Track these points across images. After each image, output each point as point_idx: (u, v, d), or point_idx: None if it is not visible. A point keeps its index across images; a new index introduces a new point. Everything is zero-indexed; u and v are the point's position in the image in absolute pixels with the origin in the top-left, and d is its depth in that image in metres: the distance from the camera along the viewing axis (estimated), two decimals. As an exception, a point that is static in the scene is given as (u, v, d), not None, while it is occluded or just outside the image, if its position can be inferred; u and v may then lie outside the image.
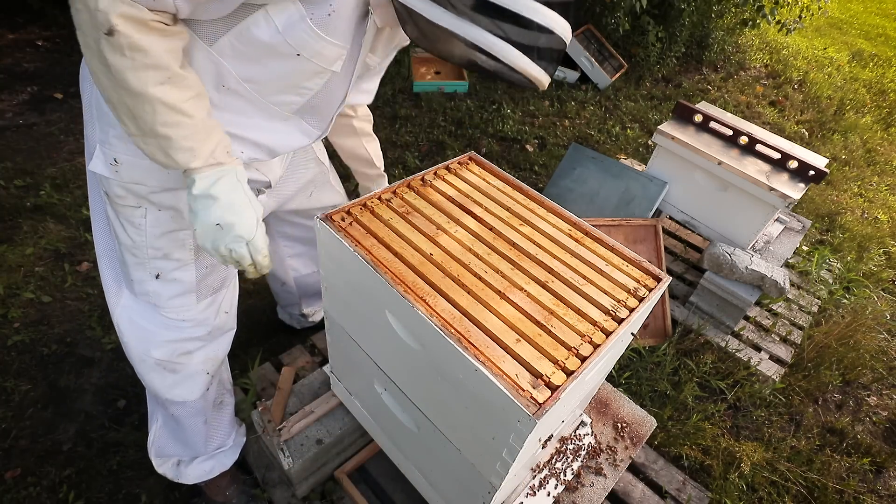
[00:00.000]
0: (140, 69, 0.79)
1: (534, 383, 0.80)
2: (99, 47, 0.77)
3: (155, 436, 1.43)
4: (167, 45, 0.81)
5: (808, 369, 2.29)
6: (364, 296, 1.01)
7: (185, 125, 0.86)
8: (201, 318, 1.22)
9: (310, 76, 0.96)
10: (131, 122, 0.85)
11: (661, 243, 2.34)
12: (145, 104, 0.82)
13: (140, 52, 0.78)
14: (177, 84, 0.84)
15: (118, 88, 0.81)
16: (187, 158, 0.88)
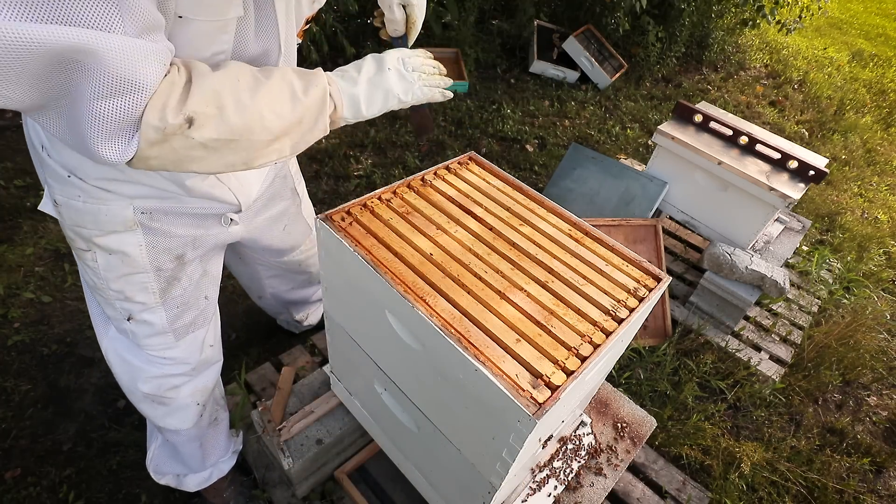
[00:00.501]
0: (229, 104, 0.74)
1: (534, 383, 0.80)
2: (199, 143, 0.72)
3: (153, 454, 1.44)
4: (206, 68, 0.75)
5: (808, 369, 2.29)
6: (364, 296, 1.01)
7: (291, 89, 0.82)
8: (183, 356, 1.19)
9: (211, 39, 0.81)
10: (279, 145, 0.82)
11: (661, 243, 2.34)
12: (262, 116, 0.77)
13: (215, 96, 0.72)
14: (242, 75, 0.78)
15: (245, 140, 0.76)
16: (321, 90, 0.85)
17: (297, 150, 0.86)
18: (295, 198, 1.39)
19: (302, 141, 0.85)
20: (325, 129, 0.88)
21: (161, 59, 0.66)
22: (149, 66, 0.64)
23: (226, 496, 1.52)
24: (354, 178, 2.94)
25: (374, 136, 3.27)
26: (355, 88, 0.91)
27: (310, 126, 0.85)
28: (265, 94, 0.78)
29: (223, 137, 0.73)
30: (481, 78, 4.12)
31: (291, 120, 0.81)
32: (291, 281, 1.70)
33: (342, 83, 0.91)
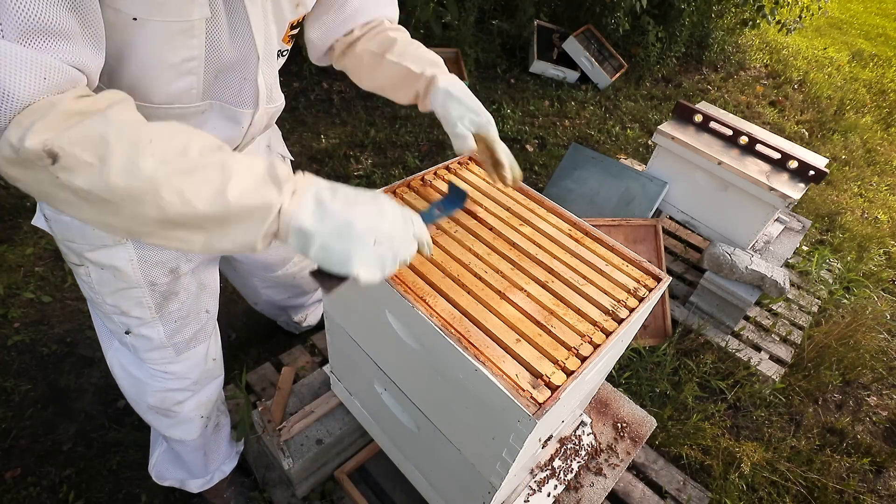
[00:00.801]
0: (116, 162, 0.58)
1: (534, 383, 0.80)
2: (66, 186, 0.59)
3: (156, 461, 1.44)
4: (117, 114, 0.62)
5: (808, 369, 2.29)
6: (364, 296, 1.01)
7: (221, 178, 0.63)
8: (185, 370, 1.17)
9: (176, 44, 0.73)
10: (175, 233, 0.64)
11: (661, 243, 2.34)
12: (162, 193, 0.60)
13: (97, 145, 0.58)
14: (166, 141, 0.62)
15: (123, 208, 0.60)
16: (267, 207, 0.65)
17: (212, 249, 0.66)
18: None
19: (220, 243, 0.66)
20: (252, 246, 0.67)
21: (42, 70, 0.57)
22: (20, 74, 0.56)
23: (226, 496, 1.52)
24: (354, 178, 2.94)
25: (374, 135, 3.27)
26: (317, 224, 0.67)
27: (234, 233, 0.65)
28: (183, 171, 0.61)
29: (96, 193, 0.59)
30: (481, 78, 4.12)
31: (205, 213, 0.62)
32: (287, 291, 1.70)
33: (307, 209, 0.68)
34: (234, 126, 0.92)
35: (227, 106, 0.89)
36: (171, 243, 0.65)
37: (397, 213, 0.74)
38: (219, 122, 0.90)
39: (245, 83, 0.87)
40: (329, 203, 0.69)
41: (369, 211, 0.71)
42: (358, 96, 3.60)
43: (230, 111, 0.90)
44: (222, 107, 0.88)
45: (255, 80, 0.87)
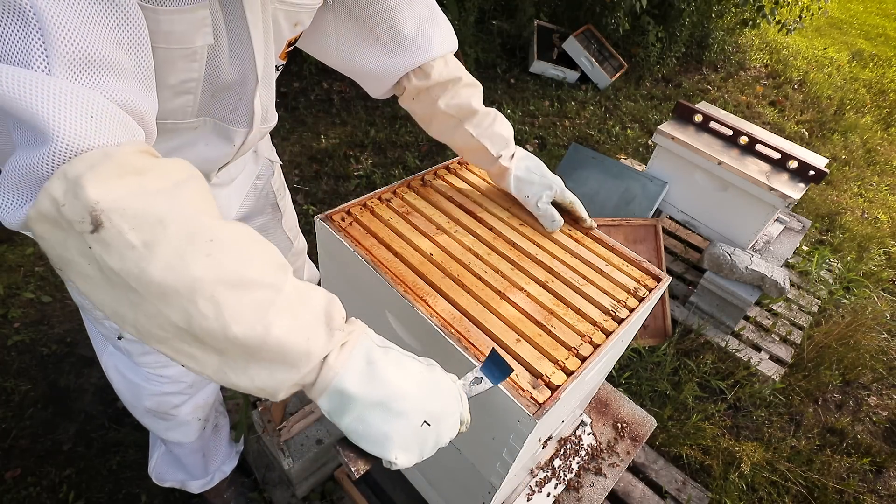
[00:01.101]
0: (164, 252, 0.49)
1: (534, 383, 0.80)
2: (95, 260, 0.49)
3: (156, 463, 1.44)
4: (187, 194, 0.53)
5: (808, 369, 2.29)
6: (364, 296, 1.01)
7: (271, 303, 0.53)
8: (179, 374, 1.15)
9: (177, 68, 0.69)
10: (190, 348, 0.53)
11: (661, 243, 2.34)
12: (197, 301, 0.50)
13: (151, 228, 0.49)
14: (230, 246, 0.53)
15: (145, 303, 0.50)
16: (306, 354, 0.55)
17: (223, 380, 0.55)
18: (276, 212, 1.31)
19: (236, 376, 0.54)
20: (273, 393, 0.56)
21: (93, 110, 0.48)
22: (64, 114, 0.46)
23: (226, 496, 1.52)
24: (354, 178, 2.94)
25: (375, 136, 3.27)
26: (363, 388, 0.58)
27: (257, 371, 0.54)
28: (233, 284, 0.52)
29: (125, 279, 0.49)
30: (481, 78, 4.11)
31: (235, 337, 0.51)
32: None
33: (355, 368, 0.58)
34: (225, 143, 0.88)
35: (221, 124, 0.85)
36: (178, 356, 0.54)
37: (453, 392, 0.65)
38: (211, 138, 0.86)
39: (241, 103, 0.84)
40: (381, 365, 0.59)
41: (424, 384, 0.61)
42: (358, 96, 3.59)
43: (223, 129, 0.86)
44: (216, 124, 0.85)
45: (251, 101, 0.84)
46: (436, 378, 0.64)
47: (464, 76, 1.04)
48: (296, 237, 1.42)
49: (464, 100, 1.04)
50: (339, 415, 0.58)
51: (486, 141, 1.06)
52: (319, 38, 0.95)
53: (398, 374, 0.60)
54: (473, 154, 1.10)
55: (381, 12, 0.91)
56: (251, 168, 1.15)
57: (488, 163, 1.08)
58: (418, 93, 1.01)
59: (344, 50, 0.97)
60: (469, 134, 1.05)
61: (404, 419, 0.59)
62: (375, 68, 0.97)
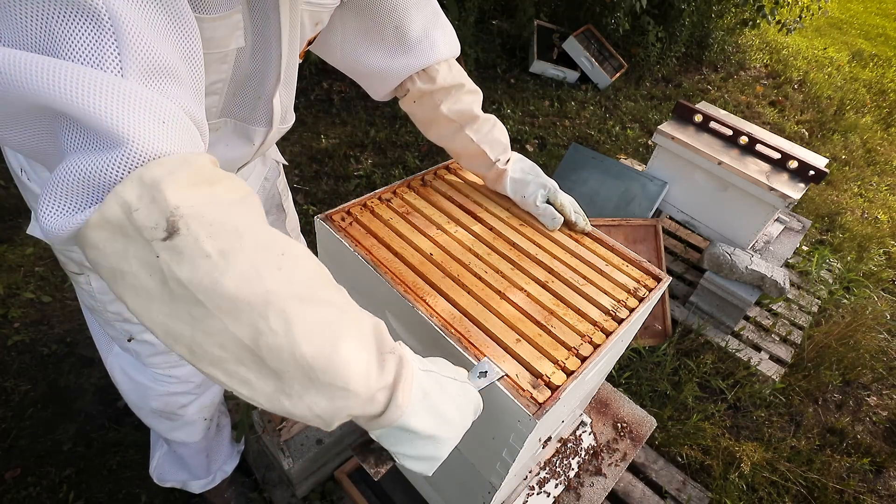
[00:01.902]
0: (240, 264, 0.47)
1: (534, 383, 0.80)
2: (161, 271, 0.46)
3: (157, 463, 1.44)
4: (255, 206, 0.52)
5: (808, 369, 2.29)
6: (364, 296, 1.01)
7: (339, 323, 0.53)
8: (188, 374, 1.16)
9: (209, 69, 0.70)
10: (246, 373, 0.50)
11: (661, 243, 2.34)
12: (269, 316, 0.48)
13: (229, 237, 0.47)
14: (297, 259, 0.52)
15: (210, 318, 0.47)
16: (365, 380, 0.54)
17: (277, 407, 0.52)
18: (280, 213, 1.33)
19: (291, 402, 0.52)
20: (328, 423, 0.55)
21: (165, 116, 0.47)
22: (141, 118, 0.45)
23: (226, 496, 1.52)
24: (354, 178, 2.95)
25: (375, 136, 3.27)
26: (427, 426, 0.59)
27: (316, 397, 0.52)
28: (303, 299, 0.51)
29: (193, 291, 0.46)
30: (481, 78, 4.12)
31: (301, 357, 0.50)
32: None
33: (418, 404, 0.59)
34: (245, 143, 0.89)
35: (241, 124, 0.87)
36: (231, 381, 0.51)
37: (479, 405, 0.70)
38: (231, 139, 0.87)
39: (259, 102, 0.85)
40: (435, 398, 0.60)
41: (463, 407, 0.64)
42: (358, 96, 3.60)
43: (243, 129, 0.87)
44: (236, 125, 0.86)
45: (270, 100, 0.85)
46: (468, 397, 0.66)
47: (466, 82, 1.06)
48: (297, 238, 1.43)
49: (466, 106, 1.05)
50: (394, 444, 0.60)
51: (485, 146, 1.07)
52: (325, 36, 0.96)
53: (446, 403, 0.62)
54: (471, 158, 1.11)
55: (388, 11, 0.91)
56: (260, 169, 1.17)
57: (486, 167, 1.11)
58: (421, 96, 1.02)
59: (349, 48, 0.97)
60: (469, 139, 1.07)
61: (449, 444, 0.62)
62: (380, 68, 0.97)
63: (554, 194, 1.09)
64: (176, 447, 1.34)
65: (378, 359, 0.56)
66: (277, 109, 0.87)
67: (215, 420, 1.36)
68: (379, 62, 0.97)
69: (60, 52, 0.43)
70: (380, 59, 0.96)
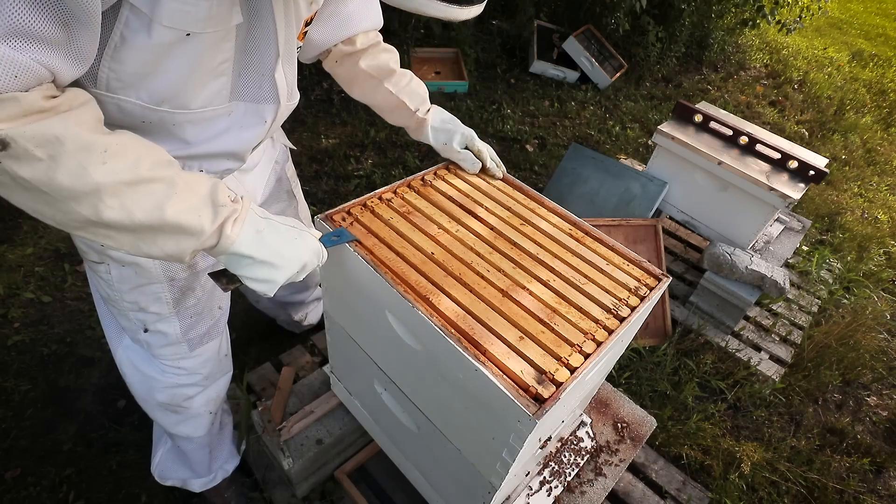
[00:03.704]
0: (67, 163, 0.63)
1: (538, 379, 0.80)
2: (7, 172, 0.62)
3: (159, 460, 1.45)
4: (76, 118, 0.65)
5: (808, 369, 2.29)
6: (364, 296, 1.01)
7: (165, 193, 0.70)
8: (197, 366, 1.19)
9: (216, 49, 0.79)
10: (105, 231, 0.69)
11: (661, 243, 2.34)
12: (103, 198, 0.66)
13: (52, 144, 0.62)
14: (120, 153, 0.67)
15: (58, 202, 0.65)
16: (199, 228, 0.73)
17: (138, 252, 0.72)
18: (291, 200, 1.40)
19: (148, 248, 0.72)
20: (180, 258, 0.75)
21: (17, 70, 0.59)
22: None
23: (226, 496, 1.52)
24: (354, 178, 2.94)
25: (374, 135, 3.27)
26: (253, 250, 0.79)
27: (163, 243, 0.73)
28: (129, 182, 0.67)
29: (36, 185, 0.63)
30: (481, 78, 4.12)
31: (140, 222, 0.69)
32: (288, 287, 1.70)
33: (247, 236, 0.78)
34: (258, 122, 0.96)
35: (251, 104, 0.93)
36: (97, 238, 0.70)
37: (315, 249, 0.87)
38: (245, 119, 0.94)
39: (264, 79, 0.91)
40: (266, 233, 0.80)
41: (295, 245, 0.83)
42: (358, 96, 3.59)
43: (254, 108, 0.94)
44: (246, 106, 0.93)
45: (272, 77, 0.91)
46: (305, 241, 0.85)
47: (381, 42, 1.18)
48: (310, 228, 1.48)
49: (382, 61, 1.17)
50: (235, 267, 0.80)
51: (405, 97, 1.18)
52: None
53: (277, 239, 0.81)
54: (394, 112, 1.22)
55: None
56: (270, 152, 1.22)
57: (408, 117, 1.22)
58: (342, 56, 1.15)
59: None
60: (389, 91, 1.18)
61: (283, 272, 0.81)
62: (314, 37, 1.09)
63: (472, 141, 1.20)
64: (180, 442, 1.34)
65: (212, 209, 0.74)
66: (282, 85, 0.94)
67: (219, 415, 1.36)
68: (313, 32, 1.08)
69: None
70: (314, 30, 1.08)
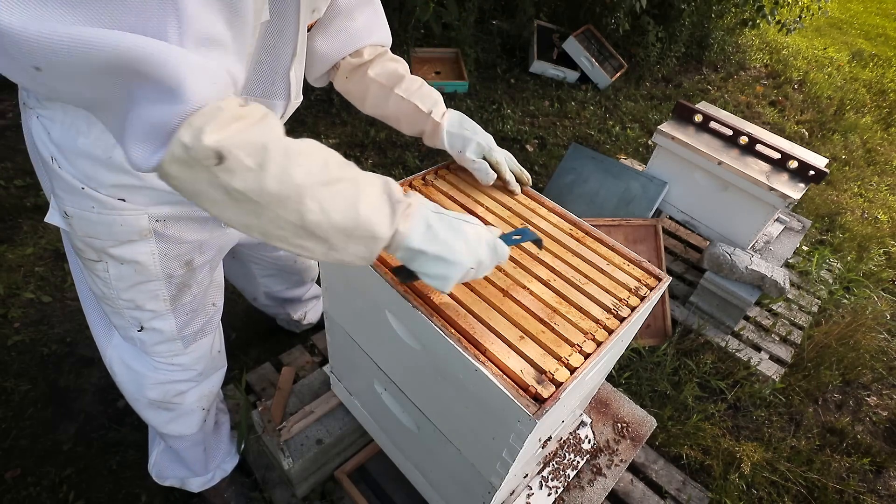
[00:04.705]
0: (273, 169, 0.64)
1: (538, 379, 0.80)
2: (222, 186, 0.63)
3: (155, 460, 1.44)
4: (271, 123, 0.66)
5: (808, 369, 2.29)
6: (364, 296, 1.01)
7: (354, 192, 0.70)
8: (191, 362, 1.19)
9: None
10: (305, 239, 0.70)
11: (661, 243, 2.34)
12: (304, 201, 0.66)
13: (260, 153, 0.63)
14: (311, 154, 0.69)
15: (266, 210, 0.66)
16: (384, 228, 0.73)
17: (330, 258, 0.74)
18: None
19: (339, 253, 0.73)
20: (369, 259, 0.76)
21: (213, 78, 0.62)
22: (195, 80, 0.60)
23: (226, 496, 1.52)
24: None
25: (375, 135, 3.27)
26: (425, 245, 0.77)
27: (355, 246, 0.73)
28: (324, 182, 0.68)
29: (248, 195, 0.64)
30: (481, 78, 4.12)
31: (336, 223, 0.69)
32: (285, 281, 1.71)
33: (418, 230, 0.77)
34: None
35: (261, 99, 0.94)
36: (295, 249, 0.72)
37: (492, 244, 0.84)
38: None
39: (277, 76, 0.92)
40: (437, 228, 0.78)
41: (471, 240, 0.81)
42: (358, 96, 3.59)
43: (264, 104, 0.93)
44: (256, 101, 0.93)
45: (286, 74, 0.93)
46: (479, 234, 0.83)
47: (388, 52, 1.16)
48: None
49: (391, 69, 1.13)
50: (410, 262, 0.80)
51: (416, 100, 1.13)
52: None
53: (449, 234, 0.79)
54: (408, 118, 1.16)
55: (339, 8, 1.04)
56: None
57: (422, 121, 1.15)
58: (351, 70, 1.13)
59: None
60: (400, 97, 1.13)
61: (458, 266, 0.79)
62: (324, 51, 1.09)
63: (490, 151, 1.13)
64: (172, 442, 1.34)
65: (391, 207, 0.74)
66: (294, 82, 0.95)
67: (212, 412, 1.36)
68: (323, 46, 1.08)
69: (139, 31, 0.57)
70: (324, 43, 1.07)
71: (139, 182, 0.90)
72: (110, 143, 0.84)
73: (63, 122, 0.83)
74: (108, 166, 0.85)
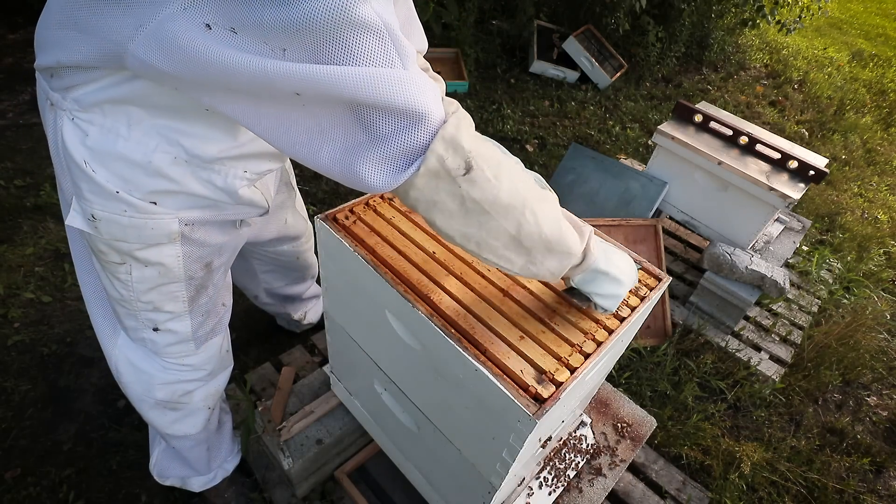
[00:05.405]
0: (504, 181, 0.68)
1: (539, 379, 0.80)
2: (461, 195, 0.67)
3: (157, 459, 1.44)
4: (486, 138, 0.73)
5: (808, 369, 2.29)
6: (364, 296, 1.01)
7: (555, 207, 0.77)
8: (201, 362, 1.20)
9: None
10: (514, 247, 0.74)
11: (661, 243, 2.34)
12: (525, 212, 0.71)
13: (496, 165, 0.68)
14: (522, 168, 0.76)
15: (491, 221, 0.70)
16: (578, 246, 0.79)
17: (527, 271, 0.78)
18: (291, 192, 1.42)
19: (536, 266, 0.77)
20: (558, 275, 0.81)
21: (436, 91, 0.65)
22: (428, 98, 0.62)
23: (226, 496, 1.52)
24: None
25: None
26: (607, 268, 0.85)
27: (551, 261, 0.78)
28: (538, 198, 0.73)
29: (482, 205, 0.68)
30: (481, 78, 4.12)
31: (543, 236, 0.74)
32: (286, 277, 1.71)
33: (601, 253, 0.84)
34: None
35: None
36: (499, 260, 0.75)
37: (635, 263, 0.95)
38: None
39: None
40: (609, 252, 0.87)
41: (630, 263, 0.91)
42: (358, 96, 3.59)
43: None
44: None
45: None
46: (629, 260, 0.92)
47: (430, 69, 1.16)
48: (306, 219, 1.53)
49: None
50: (589, 284, 0.86)
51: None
52: None
53: (615, 255, 0.88)
54: None
55: None
56: None
57: None
58: None
59: None
60: None
61: (625, 286, 0.88)
62: None
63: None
64: (175, 442, 1.34)
65: (576, 228, 0.80)
66: None
67: (216, 411, 1.36)
68: None
69: (361, 62, 0.58)
70: None
71: (176, 187, 0.89)
72: (150, 148, 0.83)
73: (103, 126, 0.81)
74: (147, 170, 0.84)
